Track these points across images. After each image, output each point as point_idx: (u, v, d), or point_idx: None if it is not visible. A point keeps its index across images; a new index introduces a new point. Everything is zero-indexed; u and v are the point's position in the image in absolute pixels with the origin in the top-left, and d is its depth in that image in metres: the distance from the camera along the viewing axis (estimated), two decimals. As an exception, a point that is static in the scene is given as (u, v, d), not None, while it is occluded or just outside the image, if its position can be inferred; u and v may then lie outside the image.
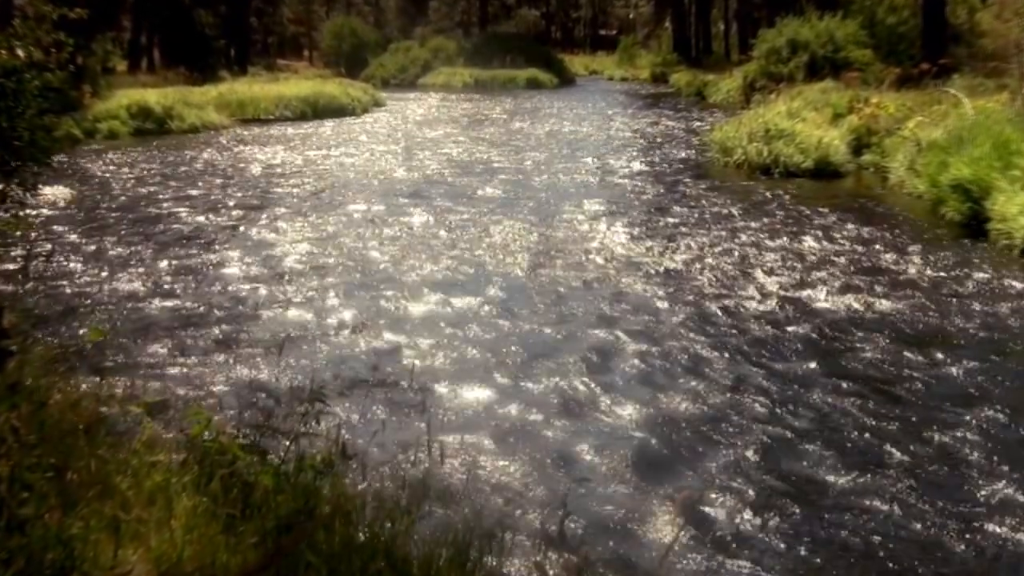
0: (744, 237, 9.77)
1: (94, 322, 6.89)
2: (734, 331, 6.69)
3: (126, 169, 15.58)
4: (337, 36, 51.96)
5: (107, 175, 14.87)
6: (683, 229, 10.25)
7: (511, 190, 13.00)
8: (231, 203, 12.02)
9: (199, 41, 35.69)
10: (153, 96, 23.15)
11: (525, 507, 4.21)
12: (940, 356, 6.13)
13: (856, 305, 7.24)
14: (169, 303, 7.47)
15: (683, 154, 17.58)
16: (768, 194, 12.69)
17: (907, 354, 6.16)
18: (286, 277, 8.26)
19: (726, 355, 6.19)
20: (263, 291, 7.82)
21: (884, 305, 7.25)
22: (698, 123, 24.14)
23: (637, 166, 15.70)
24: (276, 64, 48.80)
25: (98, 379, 3.58)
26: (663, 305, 7.42)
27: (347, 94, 29.38)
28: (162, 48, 38.11)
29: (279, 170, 15.39)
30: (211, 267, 8.64)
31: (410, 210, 11.43)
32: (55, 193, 12.79)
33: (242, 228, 10.41)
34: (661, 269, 8.49)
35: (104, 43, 26.66)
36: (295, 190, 13.18)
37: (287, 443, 3.31)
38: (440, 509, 3.91)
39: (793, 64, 24.95)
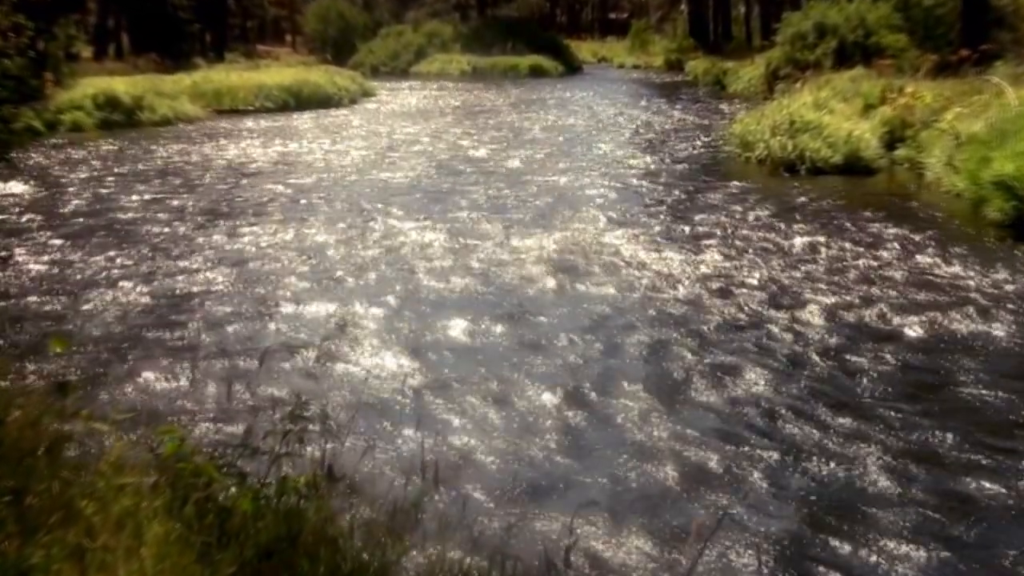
0: (776, 247, 9.59)
1: (56, 333, 6.89)
2: (791, 361, 6.39)
3: (91, 166, 15.60)
4: (322, 20, 52.09)
5: (70, 172, 14.89)
6: (705, 238, 10.06)
7: (511, 192, 12.90)
8: (202, 206, 11.92)
9: (171, 25, 35.80)
10: (121, 85, 23.21)
11: (527, 535, 4.21)
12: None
13: (910, 326, 7.06)
14: (136, 313, 7.48)
15: (700, 150, 17.59)
16: (794, 194, 12.65)
17: (993, 386, 5.91)
18: (260, 287, 8.25)
19: (785, 393, 5.85)
20: (236, 301, 7.82)
21: (938, 324, 7.08)
22: (716, 115, 24.16)
23: (649, 164, 15.66)
24: (256, 50, 48.95)
25: (61, 394, 3.57)
26: (690, 327, 7.34)
27: (333, 83, 29.47)
28: (131, 33, 38.22)
29: (256, 168, 15.38)
30: (180, 275, 8.62)
31: (397, 215, 11.30)
32: (13, 191, 12.82)
33: (212, 234, 10.32)
34: (688, 285, 8.29)
35: (68, 27, 26.71)
36: (272, 192, 13.09)
37: (268, 464, 3.31)
38: (435, 536, 3.90)
39: (820, 50, 24.98)
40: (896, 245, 9.62)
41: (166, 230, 10.54)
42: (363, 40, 50.53)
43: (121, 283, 8.33)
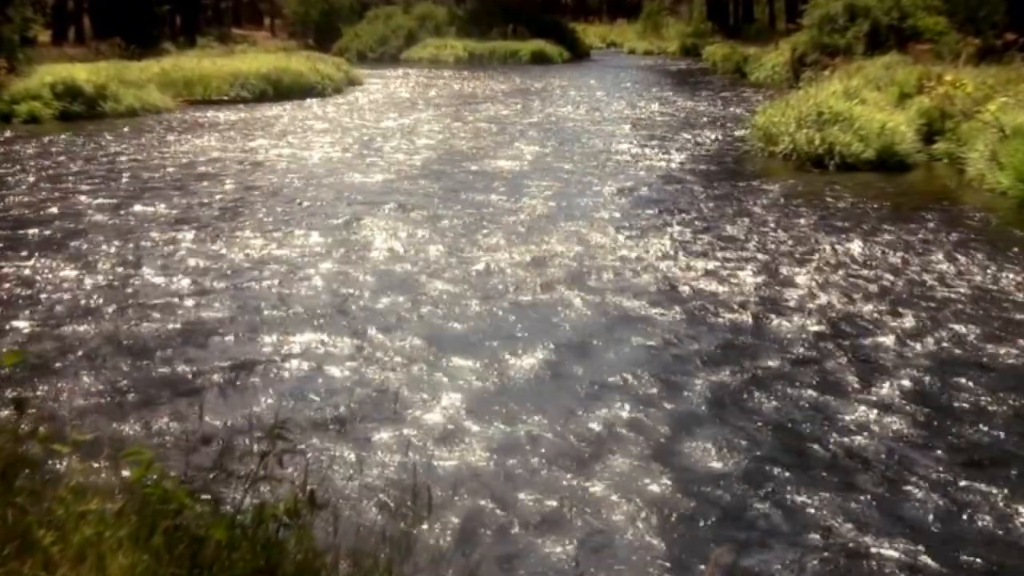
0: (821, 260, 9.31)
1: (9, 345, 6.89)
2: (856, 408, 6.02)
3: (47, 163, 15.55)
4: (304, 1, 52.18)
5: (21, 170, 14.82)
6: (734, 250, 9.82)
7: (509, 195, 12.68)
8: (164, 212, 11.61)
9: (138, 6, 35.87)
10: (83, 72, 23.25)
11: (529, 566, 4.21)
12: None
13: (981, 345, 6.98)
14: (97, 324, 7.46)
15: (719, 145, 17.59)
16: (826, 195, 12.60)
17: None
18: (227, 298, 8.19)
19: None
20: (201, 314, 7.77)
21: (1004, 343, 6.99)
22: (736, 106, 24.22)
23: (663, 164, 15.49)
24: (231, 34, 49.05)
25: (15, 413, 3.57)
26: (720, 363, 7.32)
27: (316, 71, 29.53)
28: (93, 15, 38.36)
29: (228, 168, 15.20)
30: (141, 285, 8.57)
31: (376, 223, 11.07)
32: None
33: (172, 243, 10.12)
34: (725, 311, 8.12)
35: (23, 9, 26.78)
36: (243, 196, 12.72)
37: (244, 489, 3.31)
38: (428, 568, 3.91)
39: (851, 34, 25.04)
40: (946, 256, 9.40)
41: (125, 238, 10.32)
42: (348, 23, 50.59)
43: (77, 295, 8.30)
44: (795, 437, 5.54)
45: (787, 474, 5.06)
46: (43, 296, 8.23)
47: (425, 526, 4.34)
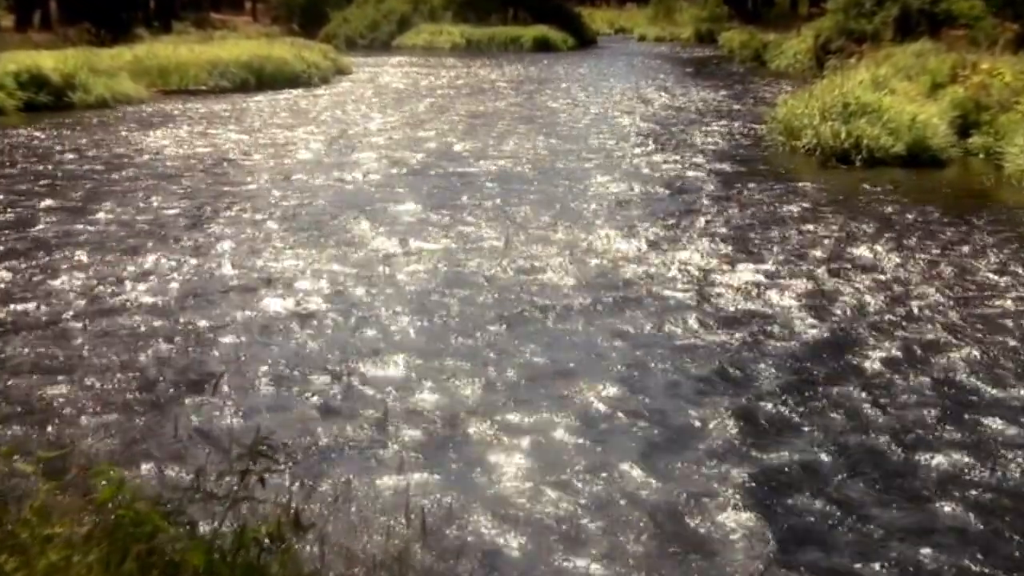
0: (854, 275, 9.05)
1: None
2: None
3: (3, 159, 15.48)
4: (288, -16, 52.28)
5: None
6: (762, 260, 9.61)
7: (510, 200, 12.38)
8: (129, 218, 11.26)
9: (109, -11, 35.90)
10: (49, 60, 23.24)
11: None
12: None
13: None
14: (64, 331, 7.46)
15: (737, 139, 17.59)
16: (857, 194, 12.56)
17: None
18: (197, 312, 8.14)
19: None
20: (171, 327, 7.72)
21: None
22: (755, 97, 24.25)
23: (677, 161, 15.41)
24: (209, 19, 49.06)
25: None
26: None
27: (301, 59, 29.58)
28: (61, -1, 38.36)
29: (203, 166, 14.98)
30: (113, 290, 8.56)
31: (366, 230, 10.84)
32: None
33: (142, 249, 9.96)
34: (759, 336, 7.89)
35: (-15, -8, 26.88)
36: (217, 198, 12.45)
37: (223, 511, 3.31)
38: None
39: (880, 19, 25.09)
40: (996, 264, 9.30)
41: (84, 247, 10.16)
42: (336, 7, 50.66)
43: (47, 296, 8.32)
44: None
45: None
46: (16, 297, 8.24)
47: (419, 551, 4.33)
